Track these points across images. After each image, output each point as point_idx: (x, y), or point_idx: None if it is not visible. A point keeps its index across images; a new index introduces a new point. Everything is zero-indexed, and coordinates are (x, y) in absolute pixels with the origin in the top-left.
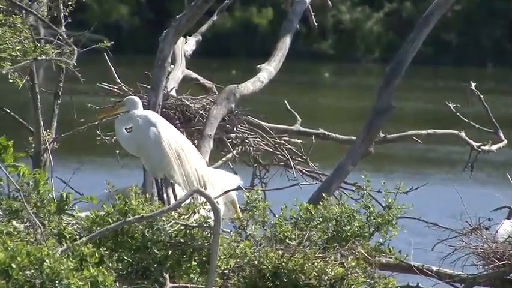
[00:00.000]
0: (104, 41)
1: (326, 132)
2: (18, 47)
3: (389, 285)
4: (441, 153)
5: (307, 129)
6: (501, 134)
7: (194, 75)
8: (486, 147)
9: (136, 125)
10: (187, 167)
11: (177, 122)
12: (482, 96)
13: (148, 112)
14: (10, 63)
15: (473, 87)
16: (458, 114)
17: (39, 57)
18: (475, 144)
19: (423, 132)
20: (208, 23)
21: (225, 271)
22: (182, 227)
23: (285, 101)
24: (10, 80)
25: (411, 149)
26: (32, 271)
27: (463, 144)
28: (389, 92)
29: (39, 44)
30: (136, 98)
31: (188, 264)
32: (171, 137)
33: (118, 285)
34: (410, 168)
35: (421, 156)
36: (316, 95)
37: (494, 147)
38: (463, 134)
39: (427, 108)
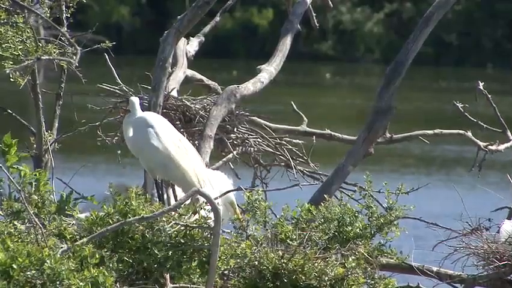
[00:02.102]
0: (106, 42)
1: (332, 133)
2: (20, 47)
3: (389, 286)
4: (442, 154)
5: (313, 130)
6: (509, 134)
7: (198, 75)
8: (493, 147)
9: (134, 127)
10: (185, 169)
11: (178, 122)
12: (490, 96)
13: (147, 114)
14: (12, 63)
15: (481, 87)
16: (466, 114)
17: (42, 57)
18: (482, 144)
19: (430, 132)
20: (211, 24)
21: (225, 271)
22: (182, 228)
23: (292, 102)
24: (11, 80)
25: (412, 148)
26: (33, 272)
27: (463, 145)
28: (389, 92)
29: (40, 44)
30: (135, 99)
31: (189, 265)
32: (169, 139)
33: (118, 285)
34: (410, 168)
35: (422, 156)
36: (317, 95)
37: (501, 147)
38: (469, 133)
39: (427, 109)
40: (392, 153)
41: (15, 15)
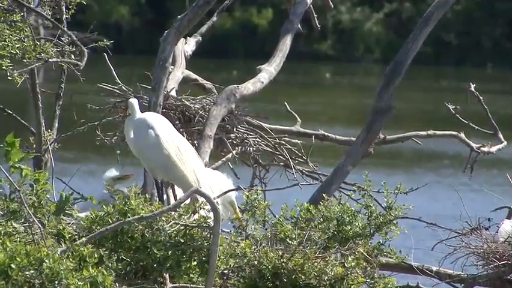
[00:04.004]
0: (104, 40)
1: (326, 133)
2: (17, 45)
3: (389, 285)
4: (442, 154)
5: (307, 130)
6: (500, 136)
7: (194, 75)
8: (486, 149)
9: (135, 128)
10: (185, 170)
11: (177, 122)
12: (481, 97)
13: (147, 114)
14: (9, 61)
15: (472, 89)
16: (457, 115)
17: (49, 60)
18: (474, 145)
19: (423, 133)
20: (208, 24)
21: (225, 271)
22: (181, 227)
23: (285, 103)
24: (9, 78)
25: (411, 149)
26: (32, 271)
27: (462, 144)
28: (389, 92)
29: (38, 43)
30: (134, 101)
31: (188, 265)
32: (169, 139)
33: (117, 285)
34: (409, 168)
35: (421, 156)
36: (317, 95)
37: (493, 148)
38: (462, 135)
39: (427, 109)
40: (391, 153)
41: (14, 14)
